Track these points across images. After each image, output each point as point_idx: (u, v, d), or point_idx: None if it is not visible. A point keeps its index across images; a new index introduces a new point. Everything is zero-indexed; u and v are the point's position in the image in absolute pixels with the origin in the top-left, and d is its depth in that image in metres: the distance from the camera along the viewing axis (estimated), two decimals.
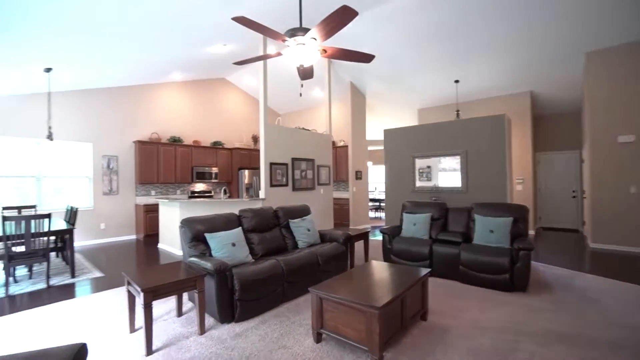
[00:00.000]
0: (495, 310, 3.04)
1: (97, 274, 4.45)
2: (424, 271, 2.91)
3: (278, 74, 7.83)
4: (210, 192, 8.72)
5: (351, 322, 2.28)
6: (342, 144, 8.95)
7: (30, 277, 4.28)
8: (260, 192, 6.12)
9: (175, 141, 7.84)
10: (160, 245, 6.29)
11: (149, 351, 2.35)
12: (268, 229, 3.99)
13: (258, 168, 9.24)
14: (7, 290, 3.70)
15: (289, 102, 10.01)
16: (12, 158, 5.87)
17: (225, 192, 8.20)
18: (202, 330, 2.67)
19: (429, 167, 6.19)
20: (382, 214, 10.98)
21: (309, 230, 4.23)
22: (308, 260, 3.62)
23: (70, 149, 6.52)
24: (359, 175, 8.57)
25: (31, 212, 5.29)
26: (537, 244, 6.24)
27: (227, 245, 3.27)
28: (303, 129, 7.21)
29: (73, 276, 4.27)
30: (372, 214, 10.90)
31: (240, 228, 3.60)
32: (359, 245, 5.49)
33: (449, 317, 2.92)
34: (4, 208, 5.09)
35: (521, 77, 6.66)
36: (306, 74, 3.38)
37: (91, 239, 6.68)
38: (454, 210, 4.65)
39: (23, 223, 3.72)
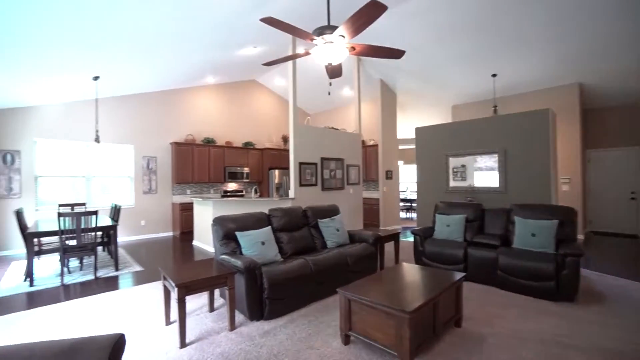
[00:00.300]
0: (538, 321, 2.82)
1: (138, 267, 4.72)
2: (459, 275, 2.77)
3: (307, 75, 7.87)
4: (241, 191, 8.97)
5: (380, 325, 2.22)
6: (372, 143, 8.81)
7: (81, 269, 4.64)
8: (289, 191, 6.18)
9: (208, 142, 8.14)
10: (194, 242, 6.55)
11: (183, 344, 2.44)
12: (297, 228, 4.01)
13: (288, 168, 9.34)
14: (62, 279, 4.04)
15: (318, 102, 10.03)
16: (66, 160, 6.40)
17: (255, 192, 8.38)
18: (232, 326, 2.72)
19: (463, 166, 5.91)
20: (414, 215, 10.68)
21: (338, 230, 4.19)
22: (337, 260, 3.59)
23: (114, 150, 7.00)
24: (389, 175, 8.39)
25: (81, 209, 5.73)
26: (587, 249, 5.73)
27: (257, 244, 3.32)
28: (332, 128, 7.19)
29: (117, 269, 4.56)
30: (403, 215, 10.62)
31: (269, 227, 3.65)
32: (389, 247, 5.36)
33: (486, 325, 2.75)
34: (60, 205, 5.56)
35: (568, 68, 6.15)
36: (334, 72, 3.35)
37: (133, 235, 7.11)
38: (491, 211, 4.39)
39: (74, 219, 4.04)
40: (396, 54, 2.91)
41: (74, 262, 4.92)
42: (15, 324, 2.91)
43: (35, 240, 4.40)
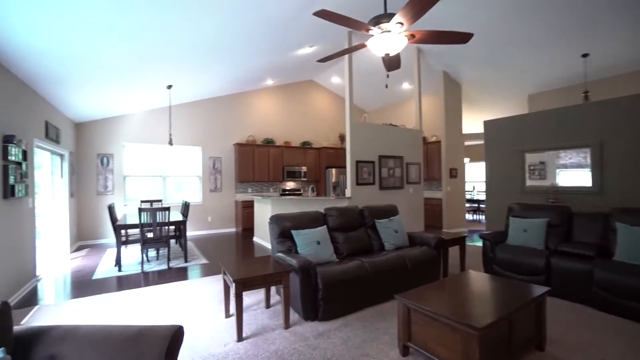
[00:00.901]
0: None
1: (204, 260, 5.08)
2: (541, 289, 2.37)
3: (363, 72, 7.68)
4: (299, 190, 9.14)
5: (444, 339, 1.99)
6: (434, 139, 8.26)
7: (157, 258, 5.16)
8: (346, 190, 6.08)
9: (268, 143, 8.45)
10: (255, 239, 6.85)
11: (240, 337, 2.50)
12: (353, 228, 3.89)
13: (345, 167, 9.27)
14: (142, 267, 4.53)
15: (376, 99, 9.75)
16: (147, 161, 7.21)
17: (312, 190, 8.47)
18: (287, 324, 2.72)
19: (542, 163, 5.17)
20: (482, 217, 9.74)
21: (396, 231, 3.97)
22: (395, 263, 3.39)
23: (185, 152, 7.67)
24: (453, 173, 7.76)
25: (158, 205, 6.39)
26: None
27: (312, 243, 3.29)
28: (390, 125, 6.89)
29: (186, 261, 4.96)
30: (469, 217, 9.77)
31: (325, 226, 3.60)
32: (453, 252, 4.91)
33: (576, 351, 2.31)
34: (142, 201, 6.28)
35: None
36: (392, 64, 3.15)
37: (201, 230, 7.72)
38: (582, 215, 3.74)
39: (151, 214, 4.49)
40: (462, 37, 2.61)
41: (152, 252, 5.49)
42: (106, 303, 3.33)
43: (123, 231, 5.02)
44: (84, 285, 4.01)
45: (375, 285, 3.17)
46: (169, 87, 5.85)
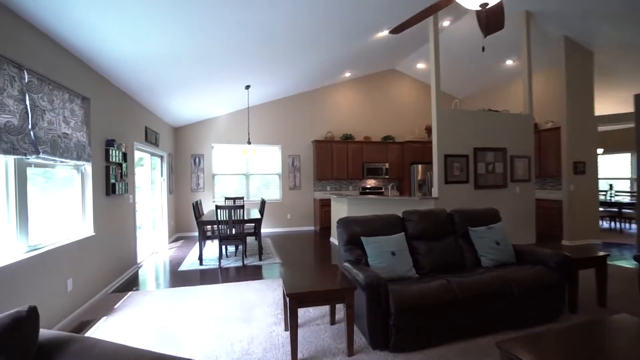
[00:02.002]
0: None
1: (277, 260, 5.00)
2: None
3: (454, 55, 6.61)
4: (380, 188, 8.53)
5: None
6: (549, 126, 6.61)
7: (235, 254, 5.32)
8: (433, 189, 5.27)
9: (347, 138, 8.08)
10: (331, 239, 6.57)
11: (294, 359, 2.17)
12: (439, 237, 3.19)
13: (431, 162, 8.29)
14: (219, 263, 4.68)
15: (468, 84, 8.41)
16: (231, 160, 7.66)
17: (394, 189, 7.77)
18: (351, 351, 2.28)
19: None
20: (628, 226, 7.43)
21: (497, 243, 3.10)
22: (495, 286, 2.58)
23: (265, 151, 7.88)
24: (579, 168, 6.04)
25: (240, 203, 6.67)
26: None
27: (385, 254, 2.76)
28: (489, 110, 5.72)
29: (260, 259, 4.96)
30: (604, 225, 7.58)
31: (402, 233, 3.02)
32: (586, 275, 3.58)
33: None
34: (226, 198, 6.64)
35: None
36: (492, 22, 2.37)
37: (280, 227, 7.84)
38: None
39: (227, 212, 4.58)
40: None
41: (231, 248, 5.71)
42: (184, 296, 3.44)
43: (209, 227, 5.30)
44: (170, 275, 4.32)
45: (466, 313, 2.45)
46: (247, 87, 6.00)
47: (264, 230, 7.64)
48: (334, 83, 8.20)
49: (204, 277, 4.22)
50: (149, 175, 5.48)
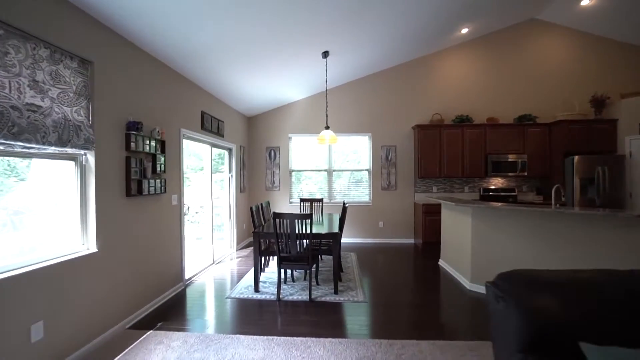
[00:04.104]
0: None
1: (361, 296, 3.37)
2: None
3: None
4: (512, 190, 6.00)
5: None
6: None
7: (304, 278, 3.92)
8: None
9: (462, 121, 5.86)
10: (441, 262, 4.59)
11: None
12: None
13: (605, 152, 5.38)
14: (278, 293, 3.33)
15: None
16: (311, 154, 6.35)
17: (533, 192, 5.27)
18: None
19: None
20: None
21: None
22: None
23: (351, 142, 6.31)
24: None
25: (318, 206, 5.29)
26: None
27: None
28: None
29: (336, 290, 3.43)
30: None
31: None
32: None
33: None
34: (301, 200, 5.36)
35: None
36: None
37: (369, 237, 6.17)
38: None
39: (288, 222, 3.20)
40: None
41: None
42: (217, 351, 2.18)
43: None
44: (215, 304, 3.19)
45: None
46: (325, 54, 4.53)
47: (348, 240, 6.11)
48: (443, 48, 6.06)
49: (251, 315, 2.93)
50: (208, 172, 4.57)
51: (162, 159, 3.24)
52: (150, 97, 3.14)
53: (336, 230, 3.56)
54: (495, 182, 6.13)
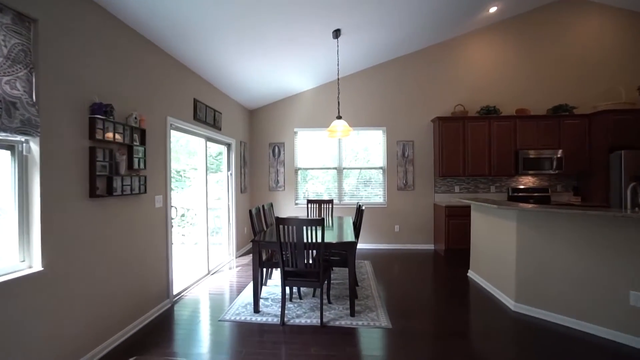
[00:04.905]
0: None
1: (383, 319, 2.75)
2: None
3: None
4: (545, 190, 5.33)
5: None
6: None
7: (313, 295, 3.32)
8: None
9: (488, 113, 5.20)
10: (470, 274, 3.95)
11: None
12: None
13: None
14: (282, 316, 2.73)
15: None
16: (319, 150, 5.75)
17: (570, 192, 4.62)
18: None
19: None
20: None
21: None
22: None
23: (363, 137, 5.69)
24: None
25: (328, 207, 4.68)
26: None
27: None
28: None
29: (352, 311, 2.81)
30: None
31: None
32: None
33: None
34: (308, 201, 4.77)
35: None
36: None
37: (383, 243, 5.54)
38: None
39: (293, 230, 2.60)
40: None
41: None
42: None
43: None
44: (203, 331, 2.60)
45: None
46: (337, 33, 3.92)
47: (360, 246, 5.50)
48: (468, 32, 5.41)
49: (249, 346, 2.34)
50: (203, 170, 3.98)
51: (141, 151, 2.67)
52: (125, 76, 2.56)
53: (350, 238, 2.94)
54: (525, 181, 5.46)
